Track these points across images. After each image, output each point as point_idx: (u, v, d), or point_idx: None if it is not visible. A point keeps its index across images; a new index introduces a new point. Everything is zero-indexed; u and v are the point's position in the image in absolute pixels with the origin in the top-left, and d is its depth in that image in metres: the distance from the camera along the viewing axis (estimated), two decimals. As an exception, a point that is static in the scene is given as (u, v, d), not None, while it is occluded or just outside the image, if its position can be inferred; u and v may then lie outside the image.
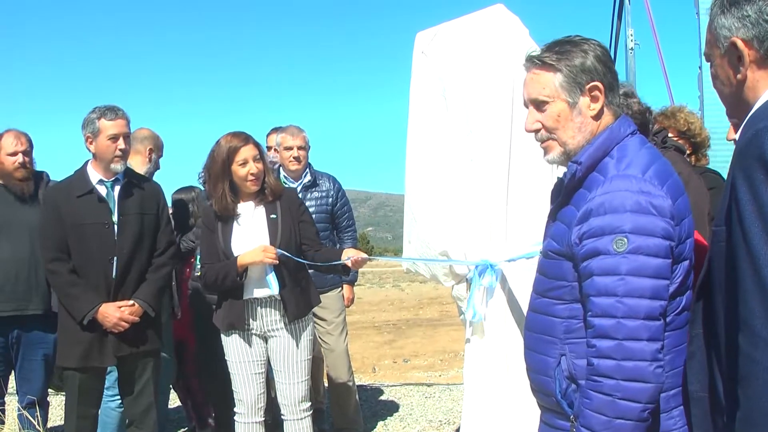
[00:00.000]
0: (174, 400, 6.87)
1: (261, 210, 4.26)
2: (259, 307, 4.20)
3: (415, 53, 3.96)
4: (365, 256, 4.23)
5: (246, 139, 4.18)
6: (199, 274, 5.01)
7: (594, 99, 2.22)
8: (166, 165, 5.59)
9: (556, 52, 2.25)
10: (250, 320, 4.20)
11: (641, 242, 1.97)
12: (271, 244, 4.13)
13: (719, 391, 1.82)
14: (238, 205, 4.23)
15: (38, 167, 4.94)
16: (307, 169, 5.62)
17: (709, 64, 1.92)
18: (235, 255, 4.12)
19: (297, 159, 5.51)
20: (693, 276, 2.13)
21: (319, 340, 5.65)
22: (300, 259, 4.14)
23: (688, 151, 4.36)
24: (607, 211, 2.02)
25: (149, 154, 5.31)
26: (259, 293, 4.17)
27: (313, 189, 5.60)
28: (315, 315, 5.55)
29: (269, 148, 6.03)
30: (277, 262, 4.08)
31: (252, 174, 4.15)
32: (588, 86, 2.21)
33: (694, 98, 7.49)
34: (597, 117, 2.23)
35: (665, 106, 4.62)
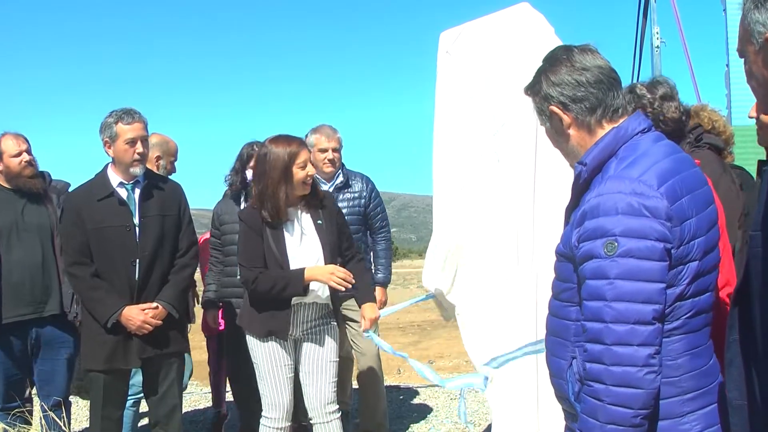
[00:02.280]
0: (199, 402, 6.90)
1: (307, 216, 4.22)
2: (300, 312, 4.17)
3: (440, 53, 3.94)
4: (376, 314, 4.34)
5: (301, 143, 4.17)
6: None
7: (558, 120, 2.24)
8: (183, 167, 5.59)
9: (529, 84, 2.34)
10: (293, 327, 4.16)
11: (632, 245, 1.94)
12: (323, 249, 4.15)
13: (758, 399, 1.77)
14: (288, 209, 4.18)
15: (48, 171, 4.96)
16: (340, 171, 5.52)
17: (742, 60, 1.86)
18: (290, 261, 4.08)
19: (332, 162, 5.41)
20: (715, 278, 2.09)
21: (351, 343, 5.61)
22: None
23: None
24: (600, 213, 2.00)
25: (156, 161, 5.32)
26: (303, 299, 4.13)
27: (345, 190, 5.49)
28: (347, 317, 5.48)
29: None
30: (344, 288, 4.07)
31: (309, 176, 4.13)
32: (548, 111, 2.25)
33: (721, 96, 7.42)
34: (571, 134, 2.24)
35: (687, 105, 4.57)
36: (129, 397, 4.74)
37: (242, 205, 5.09)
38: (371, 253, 5.77)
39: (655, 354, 1.93)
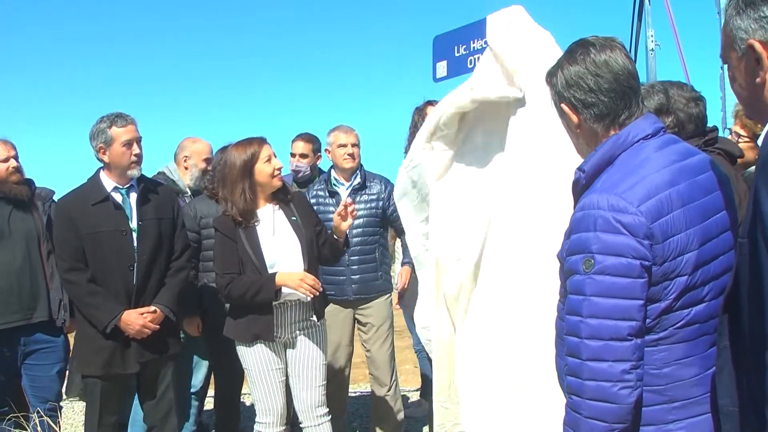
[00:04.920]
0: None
1: (280, 213, 4.27)
2: (285, 313, 4.19)
3: (493, 36, 3.72)
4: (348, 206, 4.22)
5: (262, 141, 4.26)
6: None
7: (569, 118, 2.23)
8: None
9: (549, 71, 2.31)
10: (278, 329, 4.17)
11: (608, 263, 1.95)
12: (301, 245, 4.18)
13: (749, 405, 1.76)
14: (258, 209, 4.23)
15: (32, 179, 4.95)
16: (358, 171, 5.52)
17: (726, 65, 1.87)
18: (267, 260, 4.11)
19: (351, 156, 5.44)
20: (717, 287, 2.04)
21: (362, 347, 5.62)
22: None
23: (755, 156, 4.10)
24: (581, 229, 2.02)
25: (185, 161, 5.48)
26: (286, 295, 4.13)
27: (362, 192, 5.47)
28: (359, 322, 5.52)
29: (293, 155, 6.00)
30: (312, 296, 4.08)
31: (277, 169, 4.22)
32: (560, 108, 2.25)
33: (716, 99, 7.42)
34: (579, 133, 2.24)
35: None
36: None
37: None
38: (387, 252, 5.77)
39: (631, 369, 1.95)
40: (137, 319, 4.21)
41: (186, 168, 5.49)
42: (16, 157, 4.75)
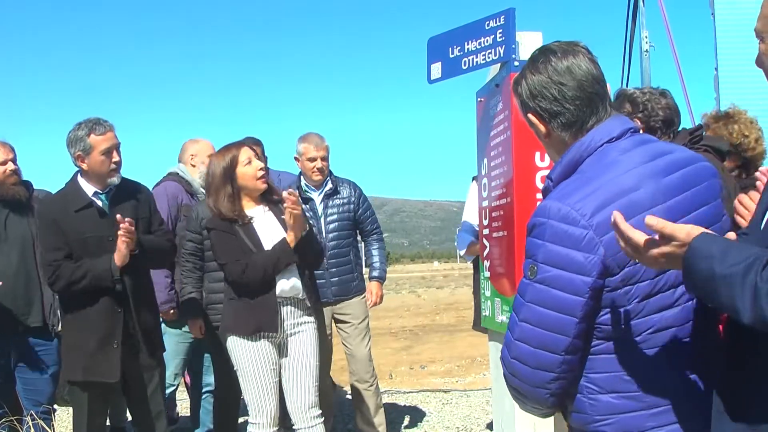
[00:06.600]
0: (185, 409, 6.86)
1: (270, 214, 4.28)
2: (281, 310, 4.16)
3: None
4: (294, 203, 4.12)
5: (239, 143, 4.29)
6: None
7: (538, 128, 2.17)
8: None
9: (515, 79, 2.24)
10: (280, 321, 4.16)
11: (548, 275, 1.93)
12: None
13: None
14: (247, 210, 4.22)
15: (30, 181, 4.91)
16: (328, 178, 5.59)
17: (758, 40, 1.77)
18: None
19: (320, 170, 5.50)
20: (683, 292, 1.93)
21: (343, 345, 5.66)
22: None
23: (733, 165, 4.08)
24: (532, 234, 2.00)
25: (191, 160, 5.63)
26: (283, 291, 4.13)
27: (334, 197, 5.57)
28: (337, 321, 5.58)
29: None
30: (298, 211, 4.05)
31: (260, 170, 4.20)
32: (527, 118, 2.19)
33: (710, 100, 7.47)
34: (549, 142, 2.19)
35: (718, 110, 4.26)
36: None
37: None
38: (363, 256, 5.93)
39: (552, 380, 1.97)
40: (119, 248, 4.06)
41: (194, 166, 5.58)
42: (14, 160, 4.70)
